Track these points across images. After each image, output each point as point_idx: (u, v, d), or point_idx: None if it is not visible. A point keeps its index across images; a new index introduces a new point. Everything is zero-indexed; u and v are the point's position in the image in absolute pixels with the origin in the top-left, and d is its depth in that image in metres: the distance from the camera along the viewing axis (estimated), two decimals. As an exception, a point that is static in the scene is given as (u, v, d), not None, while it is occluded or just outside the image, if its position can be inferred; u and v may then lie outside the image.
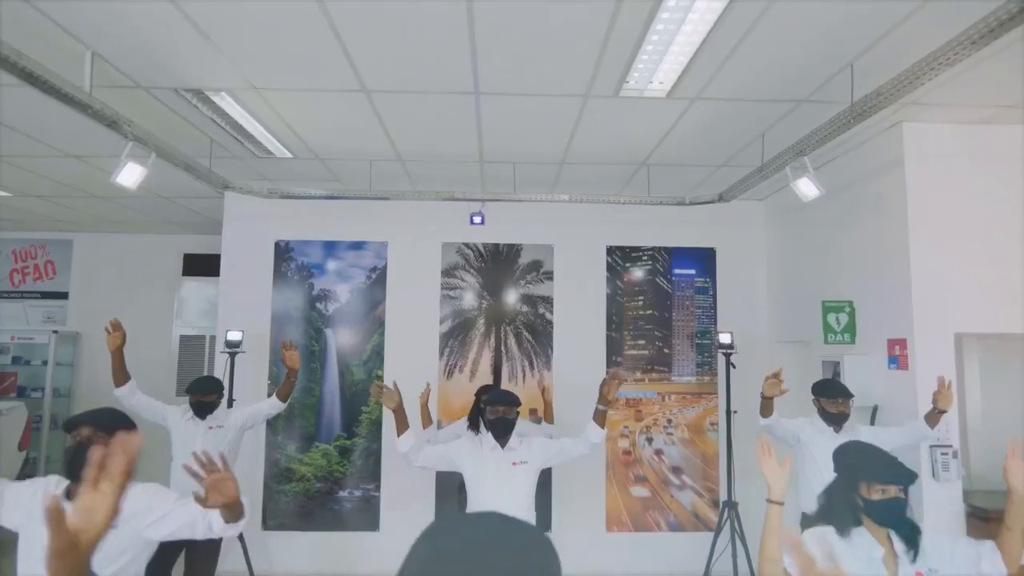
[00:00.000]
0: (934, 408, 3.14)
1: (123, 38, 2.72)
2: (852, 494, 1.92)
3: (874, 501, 1.88)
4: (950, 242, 3.55)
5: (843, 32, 2.64)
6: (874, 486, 1.88)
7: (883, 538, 1.91)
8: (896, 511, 1.88)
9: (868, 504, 1.89)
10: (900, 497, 1.88)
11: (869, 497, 1.88)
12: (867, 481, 1.89)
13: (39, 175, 4.84)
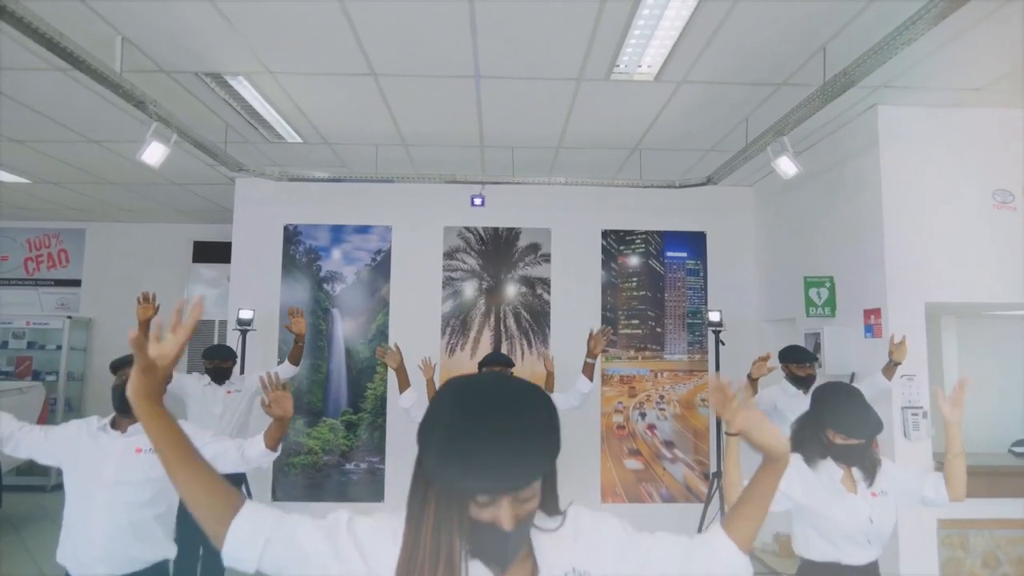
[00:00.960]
0: (890, 361, 3.39)
1: (151, 23, 2.96)
2: (820, 434, 2.13)
3: (837, 445, 2.08)
4: (921, 218, 3.79)
5: (814, 17, 2.87)
6: (839, 435, 2.08)
7: (844, 465, 2.14)
8: (855, 454, 2.09)
9: (832, 446, 2.09)
10: (861, 443, 2.08)
11: (833, 441, 2.08)
12: (834, 430, 2.09)
13: (58, 160, 5.07)
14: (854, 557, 2.06)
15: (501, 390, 0.93)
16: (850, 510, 2.05)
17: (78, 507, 2.11)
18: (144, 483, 2.14)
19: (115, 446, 2.16)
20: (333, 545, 0.97)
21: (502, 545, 0.89)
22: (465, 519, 0.88)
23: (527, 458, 0.85)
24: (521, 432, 0.87)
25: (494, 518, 0.87)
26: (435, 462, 0.87)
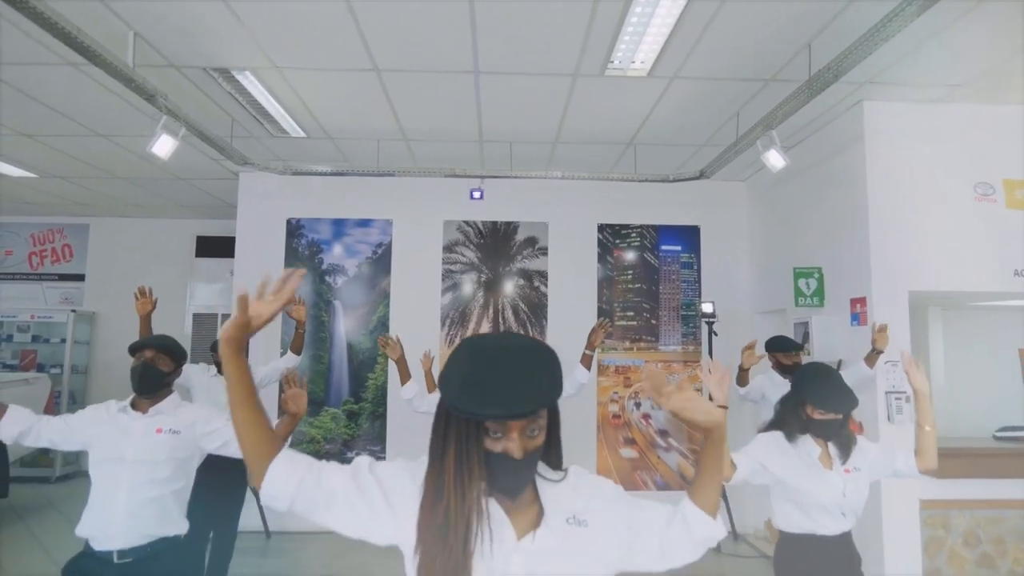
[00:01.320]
0: (872, 349, 3.52)
1: (163, 19, 3.07)
2: (800, 410, 2.26)
3: (815, 420, 2.21)
4: (905, 210, 3.92)
5: (799, 14, 3.00)
6: (817, 410, 2.21)
7: (821, 443, 2.27)
8: (832, 429, 2.22)
9: (811, 422, 2.23)
10: (838, 418, 2.21)
11: (812, 417, 2.22)
12: (812, 405, 2.22)
13: (65, 155, 5.19)
14: (829, 528, 2.19)
15: (511, 338, 1.07)
16: (826, 485, 2.17)
17: (101, 487, 2.22)
18: (164, 462, 2.25)
19: (136, 426, 2.27)
20: (358, 486, 1.10)
21: (514, 474, 1.01)
22: (481, 450, 1.01)
23: (534, 389, 0.98)
24: (528, 369, 1.00)
25: (505, 449, 1.00)
26: (455, 395, 0.99)
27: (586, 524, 1.10)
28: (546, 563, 1.05)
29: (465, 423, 1.02)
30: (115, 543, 2.14)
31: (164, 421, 2.27)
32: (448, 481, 1.02)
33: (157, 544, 2.20)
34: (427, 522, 1.03)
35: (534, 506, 1.10)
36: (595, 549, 1.09)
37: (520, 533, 1.06)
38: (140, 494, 2.18)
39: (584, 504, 1.12)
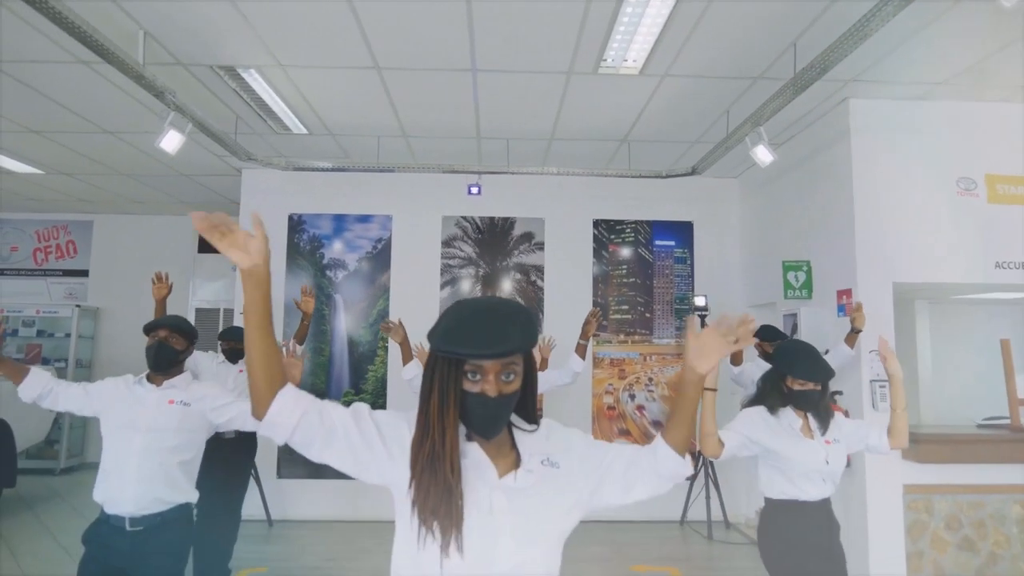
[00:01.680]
0: (851, 329, 3.66)
1: (172, 18, 3.19)
2: (780, 383, 2.40)
3: (795, 391, 2.36)
4: (889, 204, 4.05)
5: (784, 14, 3.12)
6: (796, 381, 2.35)
7: (802, 415, 2.41)
8: (811, 400, 2.36)
9: (791, 393, 2.37)
10: (816, 389, 2.35)
11: (792, 388, 2.36)
12: (792, 376, 2.36)
13: (72, 151, 5.30)
14: (810, 494, 2.32)
15: (493, 299, 1.20)
16: (809, 453, 2.31)
17: (114, 452, 2.34)
18: (175, 432, 2.37)
19: (150, 398, 2.39)
20: (358, 427, 1.19)
21: (489, 414, 1.13)
22: (460, 389, 1.13)
23: (507, 336, 1.10)
24: (503, 320, 1.12)
25: (482, 390, 1.12)
26: (439, 339, 1.11)
27: (558, 465, 1.22)
28: (525, 499, 1.17)
29: (447, 366, 1.13)
30: (127, 508, 2.25)
31: (176, 394, 2.40)
32: (432, 417, 1.13)
33: (168, 512, 2.32)
34: (417, 456, 1.14)
35: (512, 452, 1.22)
36: (567, 487, 1.21)
37: (501, 474, 1.18)
38: (151, 461, 2.30)
39: (556, 448, 1.24)
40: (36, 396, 2.40)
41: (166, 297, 3.80)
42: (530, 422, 1.26)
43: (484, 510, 1.14)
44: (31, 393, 2.39)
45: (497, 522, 1.14)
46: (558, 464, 1.22)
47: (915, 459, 3.85)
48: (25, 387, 2.39)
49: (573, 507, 1.21)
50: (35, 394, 2.39)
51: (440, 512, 1.11)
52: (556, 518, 1.19)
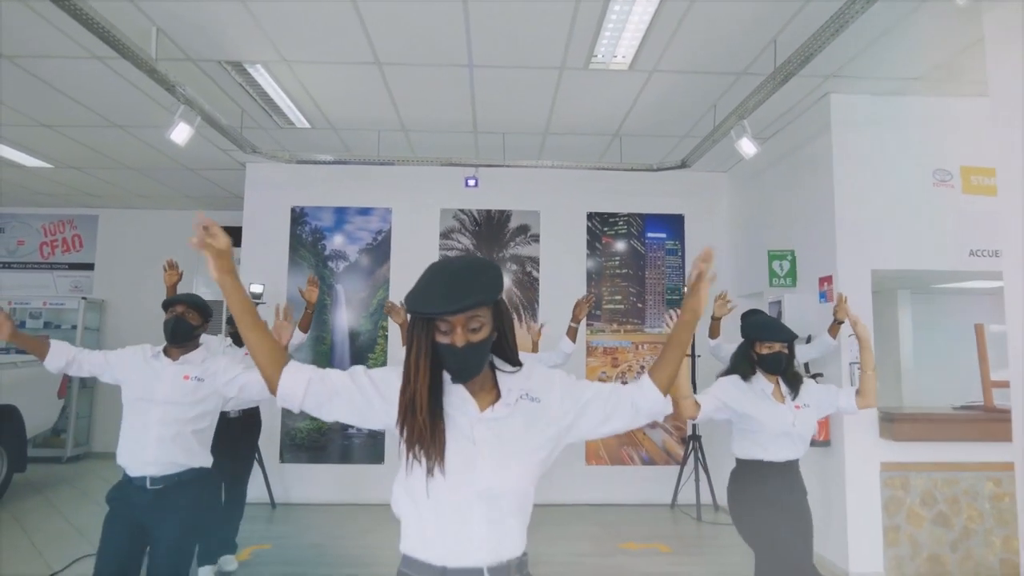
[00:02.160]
0: (834, 320, 3.83)
1: (183, 15, 3.36)
2: (750, 351, 2.60)
3: (764, 355, 2.55)
4: (868, 195, 4.23)
5: (764, 12, 3.29)
6: (764, 344, 2.55)
7: (773, 381, 2.59)
8: (779, 362, 2.55)
9: (760, 357, 2.56)
10: (783, 352, 2.55)
11: (760, 352, 2.56)
12: (759, 340, 2.57)
13: (82, 144, 5.47)
14: (777, 455, 2.51)
15: (457, 258, 1.36)
16: (777, 416, 2.49)
17: (134, 420, 2.52)
18: (189, 405, 2.54)
19: (167, 371, 2.56)
20: (356, 384, 1.38)
21: (460, 360, 1.30)
22: (431, 341, 1.30)
23: (468, 292, 1.25)
24: (463, 278, 1.28)
25: (451, 340, 1.29)
26: (411, 300, 1.28)
27: (538, 400, 1.39)
28: (503, 428, 1.34)
29: (421, 323, 1.31)
30: (148, 470, 2.43)
31: (191, 369, 2.57)
32: (411, 367, 1.31)
33: (185, 474, 2.49)
34: (402, 399, 1.32)
35: (494, 390, 1.39)
36: (545, 419, 1.38)
37: (482, 408, 1.36)
38: (167, 430, 2.47)
39: (537, 385, 1.41)
40: (63, 365, 2.58)
41: (176, 283, 3.97)
42: (512, 364, 1.43)
43: (466, 439, 1.32)
44: (57, 363, 2.57)
45: (477, 448, 1.32)
46: (539, 399, 1.39)
47: (891, 437, 4.03)
48: (51, 359, 2.57)
49: (552, 436, 1.38)
50: (61, 363, 2.58)
51: (424, 442, 1.29)
52: (532, 445, 1.35)
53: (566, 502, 5.65)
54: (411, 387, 1.30)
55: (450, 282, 1.27)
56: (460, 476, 1.29)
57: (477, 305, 1.26)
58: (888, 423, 4.04)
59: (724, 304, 3.97)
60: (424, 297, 1.26)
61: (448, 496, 1.29)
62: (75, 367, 2.62)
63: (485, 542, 1.29)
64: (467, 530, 1.29)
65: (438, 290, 1.26)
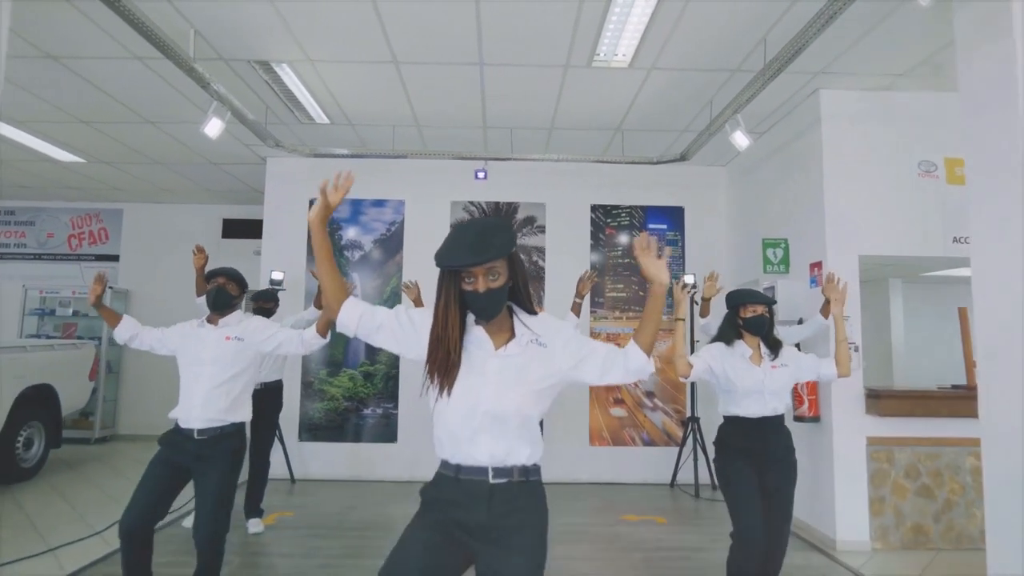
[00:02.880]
0: (825, 300, 4.06)
1: (219, 18, 3.67)
2: (734, 317, 2.87)
3: (747, 318, 2.82)
4: (856, 184, 4.47)
5: (754, 12, 3.55)
6: (746, 307, 2.82)
7: (754, 345, 2.86)
8: (762, 324, 2.82)
9: (745, 321, 2.83)
10: (764, 315, 2.82)
11: (744, 316, 2.83)
12: (742, 304, 2.84)
13: (115, 140, 5.80)
14: (751, 411, 2.79)
15: (478, 219, 1.65)
16: (749, 376, 2.78)
17: (187, 381, 2.84)
18: (230, 363, 2.85)
19: (211, 336, 2.88)
20: (398, 320, 1.68)
21: (482, 304, 1.59)
22: (459, 289, 1.59)
23: (487, 247, 1.54)
24: (482, 236, 1.57)
25: (474, 288, 1.58)
26: (440, 256, 1.57)
27: (545, 345, 1.66)
28: (511, 363, 1.63)
29: (449, 275, 1.60)
30: (196, 423, 2.75)
31: (231, 331, 2.89)
32: (440, 310, 1.61)
33: (227, 427, 2.80)
34: (431, 336, 1.62)
35: (509, 332, 1.67)
36: (549, 362, 1.66)
37: (497, 347, 1.64)
38: (213, 388, 2.79)
39: (547, 333, 1.69)
40: (128, 337, 2.93)
41: (204, 266, 4.26)
42: (528, 311, 1.71)
43: (479, 369, 1.62)
44: (124, 335, 2.92)
45: (486, 378, 1.61)
46: (546, 345, 1.67)
47: (877, 413, 4.28)
48: (120, 330, 2.92)
49: (552, 374, 1.66)
50: (128, 335, 2.92)
51: (441, 371, 1.59)
52: (532, 380, 1.64)
53: (571, 480, 5.92)
54: (438, 327, 1.60)
55: (472, 240, 1.56)
56: (467, 399, 1.59)
57: (495, 258, 1.56)
58: (874, 400, 4.28)
59: (713, 285, 4.20)
60: (451, 253, 1.56)
61: (460, 413, 1.60)
62: (137, 340, 2.95)
63: (490, 451, 1.59)
64: (476, 439, 1.60)
65: (463, 247, 1.55)
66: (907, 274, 5.50)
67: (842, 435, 4.32)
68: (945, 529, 4.30)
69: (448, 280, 1.61)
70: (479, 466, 1.60)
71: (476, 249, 1.54)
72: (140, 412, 7.99)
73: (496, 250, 1.56)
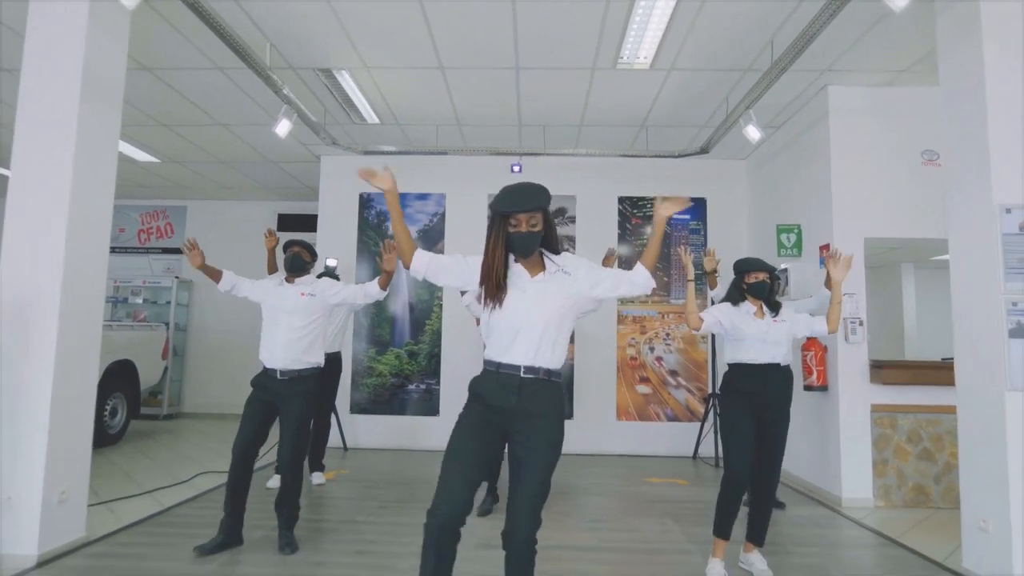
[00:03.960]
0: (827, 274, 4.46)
1: (289, 32, 4.26)
2: (740, 283, 3.31)
3: (751, 283, 3.27)
4: (861, 172, 4.85)
5: (763, 12, 3.98)
6: (750, 274, 3.27)
7: (757, 305, 3.31)
8: (763, 289, 3.27)
9: (749, 286, 3.28)
10: (766, 281, 3.26)
11: (748, 281, 3.27)
12: (747, 271, 3.28)
13: (188, 141, 6.49)
14: (754, 357, 3.22)
15: (523, 182, 2.15)
16: (755, 327, 3.22)
17: (269, 327, 3.45)
18: (304, 314, 3.46)
19: (289, 292, 3.49)
20: (457, 262, 2.22)
21: (523, 242, 2.10)
22: (505, 231, 2.10)
23: (531, 199, 2.07)
24: (528, 192, 2.10)
25: (518, 229, 2.09)
26: (497, 202, 2.10)
27: (569, 273, 2.19)
28: (543, 290, 2.14)
29: (500, 219, 2.11)
30: (278, 364, 3.36)
31: (305, 288, 3.52)
32: (490, 247, 2.12)
33: (304, 370, 3.40)
34: (483, 267, 2.13)
35: (541, 266, 2.19)
36: (571, 284, 2.18)
37: (532, 276, 2.16)
38: (289, 334, 3.40)
39: (570, 266, 2.21)
40: (229, 287, 3.56)
41: (274, 247, 4.87)
42: (554, 252, 2.23)
43: (519, 292, 2.13)
44: (227, 285, 3.58)
45: (525, 296, 2.12)
46: (570, 273, 2.19)
47: (880, 382, 4.65)
48: (223, 282, 3.59)
49: (575, 293, 2.18)
50: (229, 286, 3.57)
51: (492, 293, 2.11)
52: (562, 296, 2.16)
53: (599, 452, 6.39)
54: (488, 260, 2.12)
55: (521, 193, 2.10)
56: (509, 313, 2.12)
57: (537, 208, 2.09)
58: (878, 370, 4.66)
59: (712, 259, 4.58)
60: (506, 201, 2.09)
61: (504, 324, 2.13)
62: (235, 289, 3.61)
63: (524, 353, 2.11)
64: (514, 343, 2.12)
65: (515, 197, 2.09)
66: (917, 259, 5.82)
67: (848, 403, 4.71)
68: (945, 490, 4.65)
69: (498, 225, 2.11)
70: (514, 364, 2.12)
71: (525, 200, 2.08)
72: (202, 392, 8.74)
73: (538, 202, 2.09)
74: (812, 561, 3.45)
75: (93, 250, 3.49)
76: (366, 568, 3.17)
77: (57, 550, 3.19)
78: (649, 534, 3.90)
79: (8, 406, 3.11)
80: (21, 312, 3.16)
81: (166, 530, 3.72)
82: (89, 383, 3.48)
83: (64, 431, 3.24)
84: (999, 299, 3.06)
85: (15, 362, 3.14)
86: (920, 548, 3.68)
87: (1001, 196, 3.09)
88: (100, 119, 3.49)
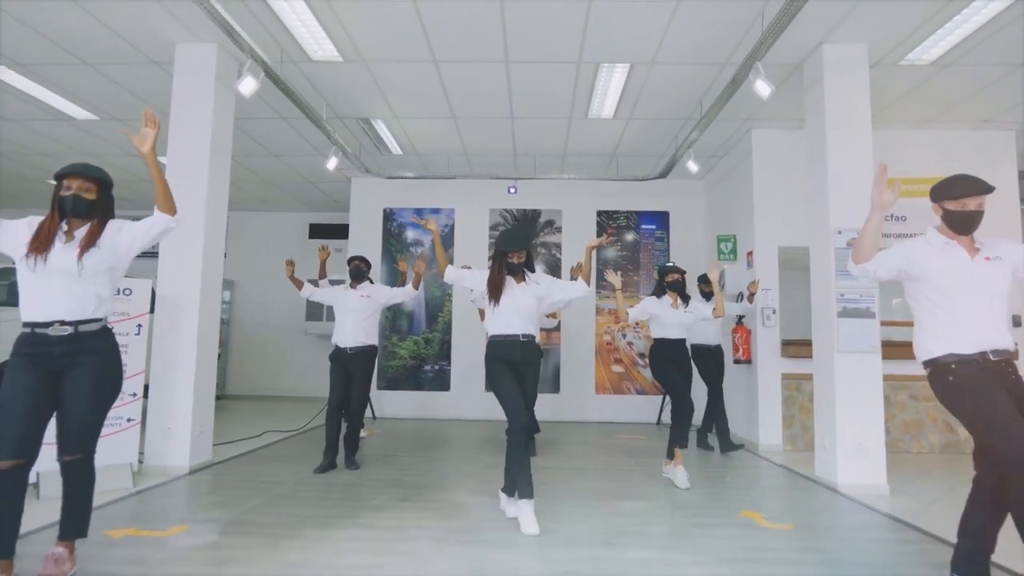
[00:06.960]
0: (750, 294, 5.91)
1: (339, 90, 5.71)
2: (662, 281, 4.77)
3: (669, 281, 4.73)
4: (776, 195, 6.30)
5: (691, 82, 5.43)
6: (668, 275, 4.72)
7: (673, 298, 4.76)
8: (678, 285, 4.72)
9: (667, 284, 4.74)
10: (679, 280, 4.71)
11: (668, 280, 4.73)
12: (665, 273, 4.74)
13: (247, 169, 7.95)
14: (671, 334, 4.67)
15: (516, 226, 3.68)
16: (671, 314, 4.66)
17: (339, 318, 4.89)
18: (364, 309, 4.89)
19: (352, 294, 4.93)
20: (475, 276, 3.69)
21: (516, 267, 3.56)
22: (505, 260, 3.56)
23: (519, 243, 3.52)
24: (522, 235, 3.58)
25: (514, 260, 3.55)
26: (501, 243, 3.55)
27: (539, 283, 3.65)
28: (524, 292, 3.59)
29: (500, 254, 3.57)
30: (348, 343, 4.80)
31: (364, 291, 4.96)
32: (494, 270, 3.58)
33: (366, 347, 4.85)
34: (489, 281, 3.58)
35: (524, 279, 3.64)
36: (539, 291, 3.63)
37: (517, 283, 3.62)
38: (356, 324, 4.83)
39: (539, 279, 3.67)
40: (308, 294, 4.99)
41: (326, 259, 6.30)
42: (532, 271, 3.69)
43: (510, 293, 3.59)
44: (305, 293, 5.02)
45: (514, 295, 3.58)
46: (539, 283, 3.65)
47: (788, 356, 6.11)
48: (303, 290, 5.01)
49: (543, 295, 3.64)
50: (308, 293, 5.02)
51: (495, 294, 3.57)
52: (530, 296, 3.60)
53: (582, 420, 7.85)
54: (493, 276, 3.57)
55: (515, 238, 3.55)
56: (505, 305, 3.56)
57: (523, 248, 3.54)
58: (786, 346, 6.12)
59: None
60: (505, 243, 3.54)
61: (503, 311, 3.56)
62: (312, 296, 5.06)
63: (519, 327, 3.56)
64: (511, 323, 3.56)
65: (511, 242, 3.54)
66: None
67: (764, 372, 6.16)
68: (839, 439, 6.09)
69: (500, 256, 3.57)
70: (514, 334, 3.56)
71: (516, 244, 3.53)
72: (243, 378, 10.18)
73: (524, 245, 3.54)
74: (730, 484, 4.92)
75: (216, 260, 4.94)
76: (402, 476, 4.64)
77: (199, 465, 4.67)
78: (620, 461, 5.37)
79: (169, 372, 4.58)
80: (175, 305, 4.63)
81: (259, 459, 5.18)
82: (212, 358, 4.95)
83: (200, 389, 4.71)
84: (832, 291, 4.51)
85: (171, 345, 4.61)
86: (805, 473, 5.14)
87: (835, 222, 4.55)
88: (218, 160, 4.94)
